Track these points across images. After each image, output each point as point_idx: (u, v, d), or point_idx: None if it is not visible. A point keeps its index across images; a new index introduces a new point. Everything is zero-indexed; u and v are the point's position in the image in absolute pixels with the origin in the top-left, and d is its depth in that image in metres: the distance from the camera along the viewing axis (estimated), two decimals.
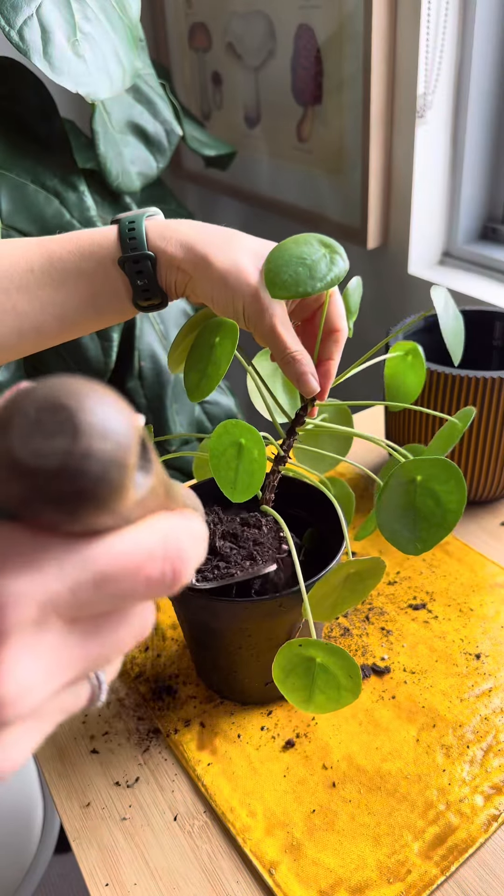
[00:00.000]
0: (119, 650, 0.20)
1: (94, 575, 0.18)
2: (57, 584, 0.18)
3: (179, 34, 1.35)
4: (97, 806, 0.48)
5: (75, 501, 0.17)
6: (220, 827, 0.47)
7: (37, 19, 0.72)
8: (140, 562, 0.19)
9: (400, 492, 0.43)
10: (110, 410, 0.17)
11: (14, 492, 0.17)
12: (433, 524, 0.42)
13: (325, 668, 0.41)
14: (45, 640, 0.18)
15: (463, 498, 0.41)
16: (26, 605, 0.18)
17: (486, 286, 1.03)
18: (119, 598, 0.19)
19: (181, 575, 0.20)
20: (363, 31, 0.96)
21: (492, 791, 0.47)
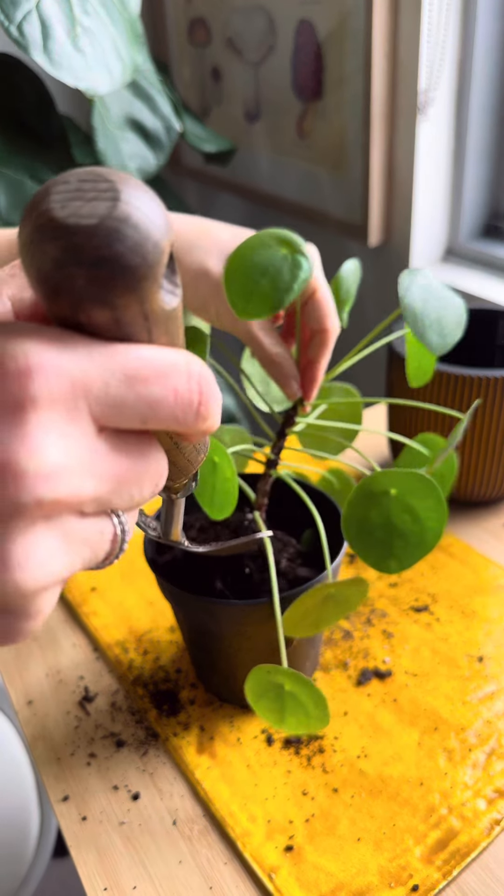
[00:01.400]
0: (139, 487, 0.20)
1: (126, 369, 0.18)
2: (89, 367, 0.18)
3: (179, 29, 1.34)
4: (95, 810, 0.48)
5: (109, 267, 0.17)
6: (219, 831, 0.46)
7: (36, 14, 0.72)
8: (168, 368, 0.19)
9: (371, 504, 0.39)
10: (150, 197, 0.17)
11: (49, 254, 0.17)
12: (411, 543, 0.39)
13: (294, 696, 0.40)
14: (76, 432, 0.18)
15: (444, 516, 0.38)
16: (57, 377, 0.17)
17: (489, 284, 1.02)
18: (148, 405, 0.19)
19: (208, 401, 0.20)
20: (364, 27, 0.96)
21: (494, 795, 0.46)
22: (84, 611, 0.63)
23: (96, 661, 0.59)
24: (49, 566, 0.18)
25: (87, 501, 0.19)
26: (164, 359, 0.19)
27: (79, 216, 0.16)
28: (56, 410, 0.17)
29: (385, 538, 0.39)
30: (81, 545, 0.19)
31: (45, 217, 0.17)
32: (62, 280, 0.17)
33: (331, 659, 0.56)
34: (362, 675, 0.55)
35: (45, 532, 0.18)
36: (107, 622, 0.62)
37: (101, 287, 0.17)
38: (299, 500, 0.54)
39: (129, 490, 0.20)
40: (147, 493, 0.21)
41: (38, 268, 0.17)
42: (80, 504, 0.19)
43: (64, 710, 0.55)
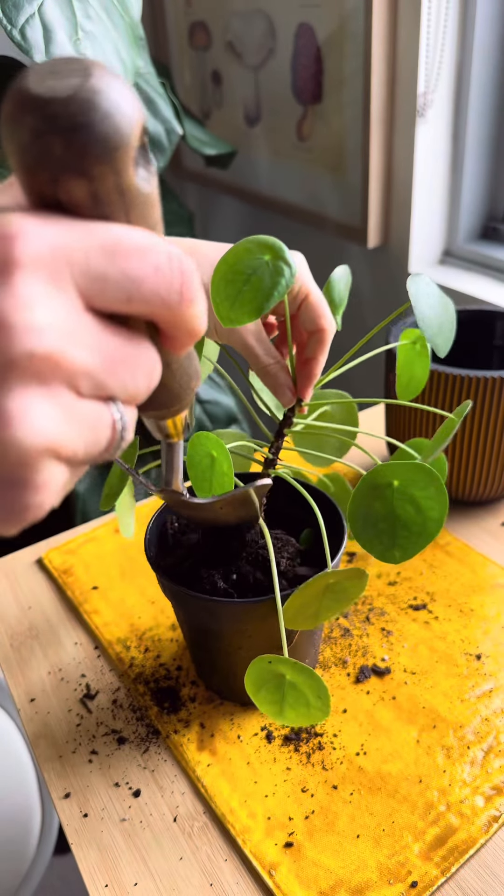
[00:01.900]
0: (132, 375, 0.21)
1: (105, 242, 0.19)
2: (69, 238, 0.19)
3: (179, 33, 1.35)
4: (96, 807, 0.48)
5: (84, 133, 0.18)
6: (219, 828, 0.47)
7: (38, 18, 0.72)
8: (147, 246, 0.20)
9: (375, 496, 0.40)
10: (121, 81, 0.19)
11: (28, 125, 0.18)
12: (414, 532, 0.40)
13: (295, 686, 0.40)
14: (60, 298, 0.19)
15: (444, 506, 0.39)
16: (39, 242, 0.18)
17: (486, 285, 1.03)
18: (130, 279, 0.20)
19: (190, 282, 0.21)
20: (363, 30, 0.96)
21: (492, 792, 0.47)
22: (85, 609, 0.63)
23: (98, 658, 0.59)
24: (47, 427, 0.19)
25: (80, 373, 0.19)
26: (143, 237, 0.20)
27: (54, 90, 0.18)
28: (41, 274, 0.18)
29: (389, 529, 0.40)
30: (81, 423, 0.20)
31: (23, 93, 0.18)
32: (41, 149, 0.18)
33: (330, 657, 0.57)
34: (361, 672, 0.55)
35: (40, 395, 0.19)
36: (108, 620, 0.62)
37: (77, 154, 0.18)
38: (298, 499, 0.54)
39: (121, 374, 0.20)
40: (141, 384, 0.21)
41: (19, 142, 0.18)
42: (72, 373, 0.19)
43: (65, 707, 0.55)
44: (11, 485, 0.19)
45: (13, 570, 0.69)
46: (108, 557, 0.69)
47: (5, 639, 0.62)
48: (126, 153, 0.19)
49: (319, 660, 0.57)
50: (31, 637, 0.62)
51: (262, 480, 0.40)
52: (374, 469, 0.40)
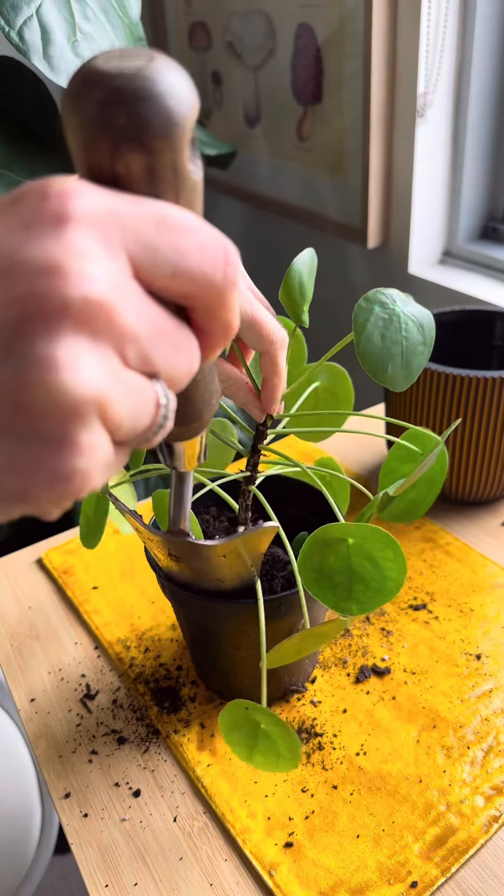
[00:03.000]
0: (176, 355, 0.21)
1: (156, 215, 0.20)
2: (122, 205, 0.20)
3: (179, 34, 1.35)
4: (97, 807, 0.48)
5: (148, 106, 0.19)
6: (219, 828, 0.47)
7: (36, 19, 0.72)
8: (195, 225, 0.21)
9: (328, 551, 0.39)
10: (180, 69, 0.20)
11: (95, 97, 0.19)
12: (372, 588, 0.38)
13: (267, 735, 0.40)
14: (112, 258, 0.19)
15: (403, 567, 0.37)
16: (93, 202, 0.19)
17: (486, 285, 1.03)
18: (177, 251, 0.20)
19: (234, 264, 0.21)
20: (363, 30, 0.96)
21: (492, 792, 0.47)
22: (85, 609, 0.63)
23: (98, 658, 0.59)
24: (96, 379, 0.18)
25: (129, 336, 0.19)
26: (190, 216, 0.21)
27: (121, 67, 0.19)
28: (94, 232, 0.19)
29: (345, 582, 0.38)
30: (128, 391, 0.20)
31: (91, 70, 0.20)
32: (105, 120, 0.19)
33: (329, 656, 0.57)
34: (361, 672, 0.55)
35: (90, 347, 0.18)
36: (108, 620, 0.62)
37: (139, 125, 0.20)
38: (290, 499, 0.54)
39: (166, 350, 0.21)
40: (184, 365, 0.22)
41: (84, 114, 0.20)
42: (122, 334, 0.19)
43: (66, 707, 0.55)
44: (56, 444, 0.18)
45: (13, 570, 0.69)
46: (109, 557, 0.69)
47: (5, 639, 0.62)
48: (184, 132, 0.20)
49: (319, 660, 0.57)
50: (31, 637, 0.62)
51: (269, 523, 0.38)
52: (324, 527, 0.38)
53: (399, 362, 0.37)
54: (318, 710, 0.53)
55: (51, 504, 0.19)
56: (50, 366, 0.18)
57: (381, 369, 0.37)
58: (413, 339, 0.38)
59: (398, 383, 0.38)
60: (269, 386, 0.42)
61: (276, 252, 1.37)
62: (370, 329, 0.36)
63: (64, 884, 1.08)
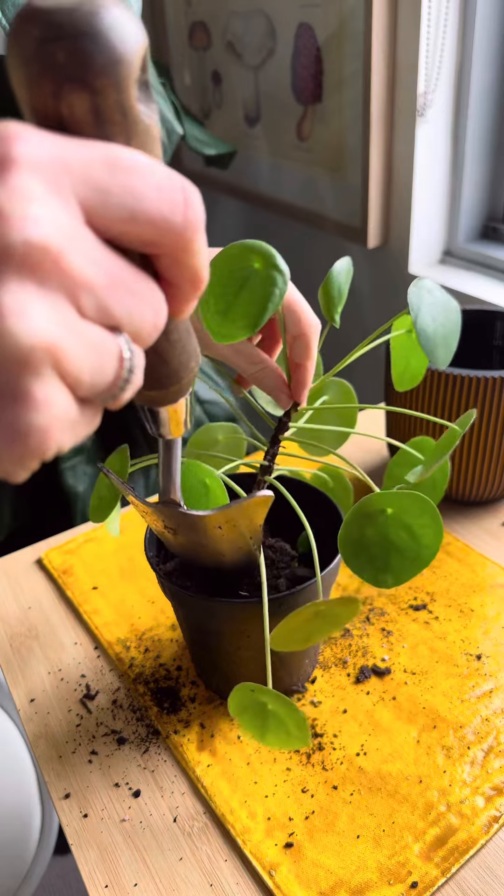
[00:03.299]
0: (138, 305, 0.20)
1: (107, 157, 0.19)
2: (70, 150, 0.18)
3: (179, 33, 1.35)
4: (96, 807, 0.48)
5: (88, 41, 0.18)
6: (219, 828, 0.47)
7: None
8: (150, 166, 0.20)
9: (367, 523, 0.39)
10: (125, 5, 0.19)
11: (32, 35, 0.18)
12: (407, 558, 0.39)
13: (276, 715, 0.40)
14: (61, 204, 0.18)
15: (439, 533, 0.38)
16: (38, 146, 0.18)
17: (486, 285, 1.03)
18: (132, 194, 0.19)
19: (194, 206, 0.20)
20: (363, 30, 0.96)
21: (492, 792, 0.47)
22: (85, 609, 0.63)
23: (97, 659, 0.59)
24: (45, 327, 0.17)
25: (80, 284, 0.18)
26: (144, 158, 0.20)
27: (60, 2, 0.18)
28: (39, 176, 0.18)
29: (381, 554, 0.39)
30: (84, 342, 0.19)
31: (29, 6, 0.18)
32: (45, 58, 0.18)
33: (330, 657, 0.57)
34: (361, 672, 0.55)
35: (38, 294, 0.18)
36: (108, 620, 0.62)
37: (80, 63, 0.18)
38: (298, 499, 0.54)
39: (126, 301, 0.20)
40: (148, 318, 0.20)
41: (24, 54, 0.19)
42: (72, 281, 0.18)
43: (65, 707, 0.55)
44: (8, 398, 0.18)
45: (13, 570, 0.69)
46: (108, 557, 0.69)
47: (5, 639, 0.62)
48: (129, 70, 0.19)
49: (319, 660, 0.57)
50: (30, 637, 0.62)
51: (263, 492, 0.38)
52: (366, 498, 0.39)
53: (442, 342, 0.41)
54: (318, 711, 0.53)
55: (13, 464, 0.19)
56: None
57: (435, 347, 0.40)
58: (453, 318, 0.42)
59: (444, 360, 0.41)
60: (301, 370, 0.44)
61: None
62: (425, 311, 0.39)
63: (64, 884, 1.08)
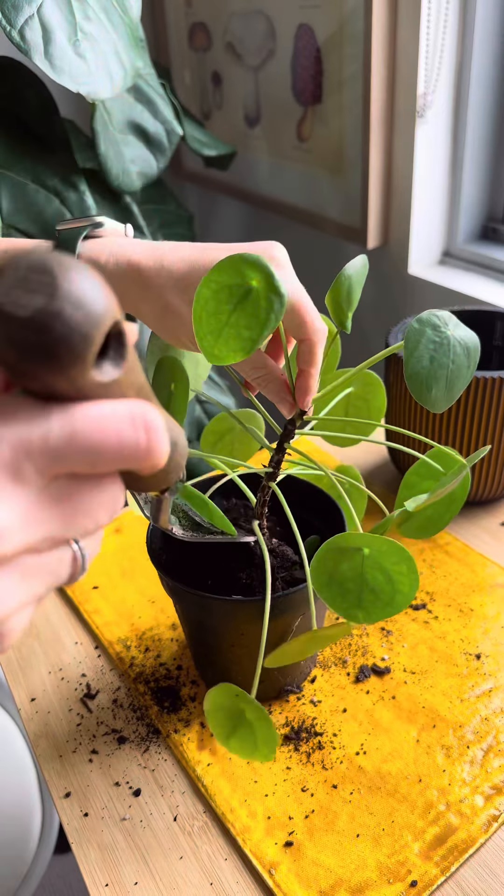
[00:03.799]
0: (94, 519, 0.22)
1: (64, 425, 0.20)
2: (29, 431, 0.20)
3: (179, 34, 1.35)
4: (97, 806, 0.48)
5: (36, 354, 0.19)
6: (220, 827, 0.47)
7: (38, 19, 0.72)
8: (108, 416, 0.21)
9: (343, 559, 0.39)
10: (92, 288, 0.19)
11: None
12: (381, 600, 0.38)
13: (250, 725, 0.40)
14: (20, 491, 0.20)
15: (415, 583, 0.37)
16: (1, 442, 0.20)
17: (486, 286, 1.03)
18: (92, 451, 0.21)
19: (154, 439, 0.21)
20: (363, 31, 0.96)
21: (492, 791, 0.47)
22: (86, 609, 0.63)
23: (98, 658, 0.59)
24: (9, 601, 0.21)
25: (40, 543, 0.21)
26: (101, 411, 0.21)
27: (17, 305, 0.19)
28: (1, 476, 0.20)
29: (355, 589, 0.38)
30: (42, 575, 0.22)
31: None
32: (9, 354, 0.19)
33: (329, 656, 0.57)
34: (361, 672, 0.55)
35: (2, 575, 0.21)
36: (108, 620, 0.62)
37: (29, 367, 0.19)
38: (306, 502, 0.54)
39: (82, 524, 0.22)
40: (103, 520, 0.23)
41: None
42: (32, 548, 0.21)
43: (66, 707, 0.55)
44: None
45: None
46: (109, 557, 0.69)
47: None
48: (82, 366, 0.20)
49: (319, 659, 0.57)
50: (31, 637, 0.62)
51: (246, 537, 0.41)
52: (342, 535, 0.38)
53: (443, 385, 0.37)
54: (317, 710, 0.53)
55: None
56: None
57: (426, 390, 0.37)
58: (460, 363, 0.38)
59: (439, 405, 0.38)
60: (305, 376, 0.42)
61: None
62: (421, 351, 0.36)
63: (64, 883, 1.08)
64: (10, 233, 0.83)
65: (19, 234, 0.83)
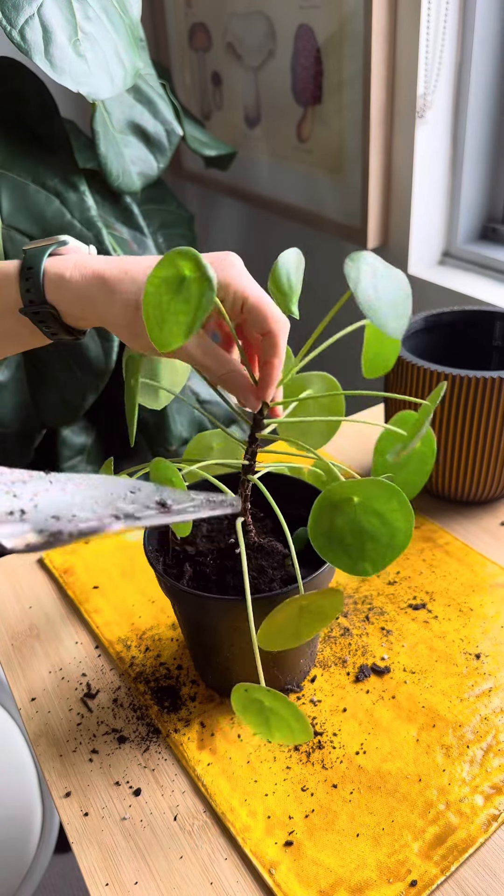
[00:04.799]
0: None
1: None
2: None
3: (180, 34, 1.35)
4: (97, 806, 0.48)
5: None
6: (220, 827, 0.47)
7: (38, 19, 0.72)
8: None
9: (336, 513, 0.39)
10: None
11: None
12: (382, 543, 0.39)
13: (275, 711, 0.41)
14: None
15: (410, 516, 0.38)
16: None
17: (486, 286, 1.03)
18: None
19: None
20: (363, 31, 0.96)
21: (492, 791, 0.47)
22: (86, 608, 0.63)
23: (98, 658, 0.59)
24: None
25: None
26: None
27: None
28: None
29: (356, 542, 0.39)
30: None
31: None
32: None
33: (329, 655, 0.57)
34: (360, 671, 0.55)
35: None
36: (109, 619, 0.62)
37: None
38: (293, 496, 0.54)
39: None
40: None
41: None
42: None
43: (66, 706, 0.55)
44: None
45: (14, 570, 0.69)
46: (109, 557, 0.69)
47: (6, 638, 0.62)
48: None
49: (319, 659, 0.57)
50: (31, 636, 0.62)
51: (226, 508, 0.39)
52: (329, 488, 0.39)
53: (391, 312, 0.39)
54: (317, 710, 0.53)
55: None
56: None
57: (382, 316, 0.39)
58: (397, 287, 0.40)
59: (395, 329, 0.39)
60: (269, 367, 0.44)
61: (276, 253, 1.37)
62: (365, 282, 0.38)
63: (64, 883, 1.08)
64: (11, 234, 0.83)
65: (20, 235, 0.84)
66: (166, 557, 0.52)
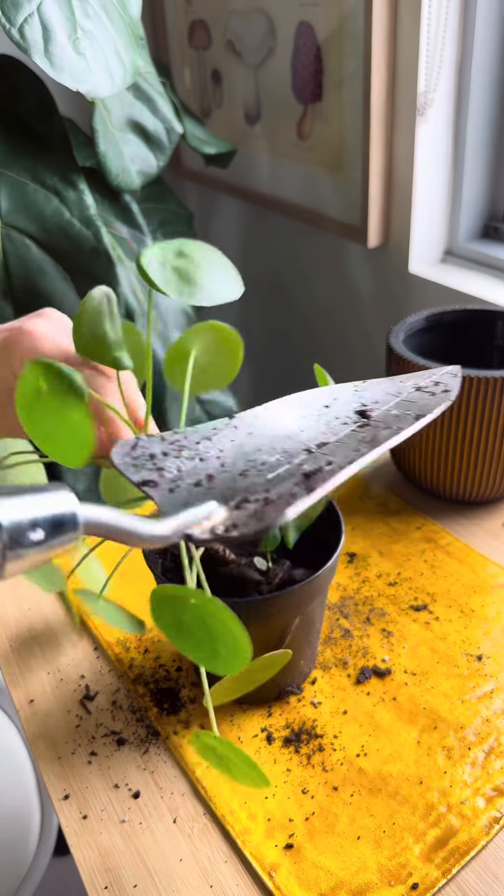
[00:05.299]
0: None
1: None
2: None
3: (179, 32, 1.35)
4: (96, 809, 0.48)
5: None
6: (219, 829, 0.46)
7: (37, 17, 0.72)
8: None
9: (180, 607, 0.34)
10: None
11: None
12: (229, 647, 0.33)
13: (227, 758, 0.39)
14: None
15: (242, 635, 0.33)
16: None
17: (487, 285, 1.03)
18: None
19: None
20: (363, 29, 0.96)
21: (493, 793, 0.47)
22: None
23: (97, 659, 0.59)
24: None
25: None
26: None
27: None
28: None
29: (207, 640, 0.34)
30: None
31: None
32: None
33: (330, 657, 0.57)
34: (361, 673, 0.55)
35: None
36: None
37: None
38: None
39: None
40: None
41: None
42: None
43: (65, 708, 0.55)
44: None
45: None
46: (108, 557, 0.69)
47: (5, 640, 0.62)
48: None
49: (319, 661, 0.57)
50: (30, 638, 0.62)
51: None
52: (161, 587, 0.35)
53: None
54: (318, 712, 0.53)
55: None
56: None
57: None
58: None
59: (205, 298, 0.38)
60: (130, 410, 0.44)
61: (275, 251, 1.37)
62: None
63: (63, 886, 1.07)
64: (10, 232, 0.83)
65: (19, 234, 0.83)
66: (165, 560, 0.52)
